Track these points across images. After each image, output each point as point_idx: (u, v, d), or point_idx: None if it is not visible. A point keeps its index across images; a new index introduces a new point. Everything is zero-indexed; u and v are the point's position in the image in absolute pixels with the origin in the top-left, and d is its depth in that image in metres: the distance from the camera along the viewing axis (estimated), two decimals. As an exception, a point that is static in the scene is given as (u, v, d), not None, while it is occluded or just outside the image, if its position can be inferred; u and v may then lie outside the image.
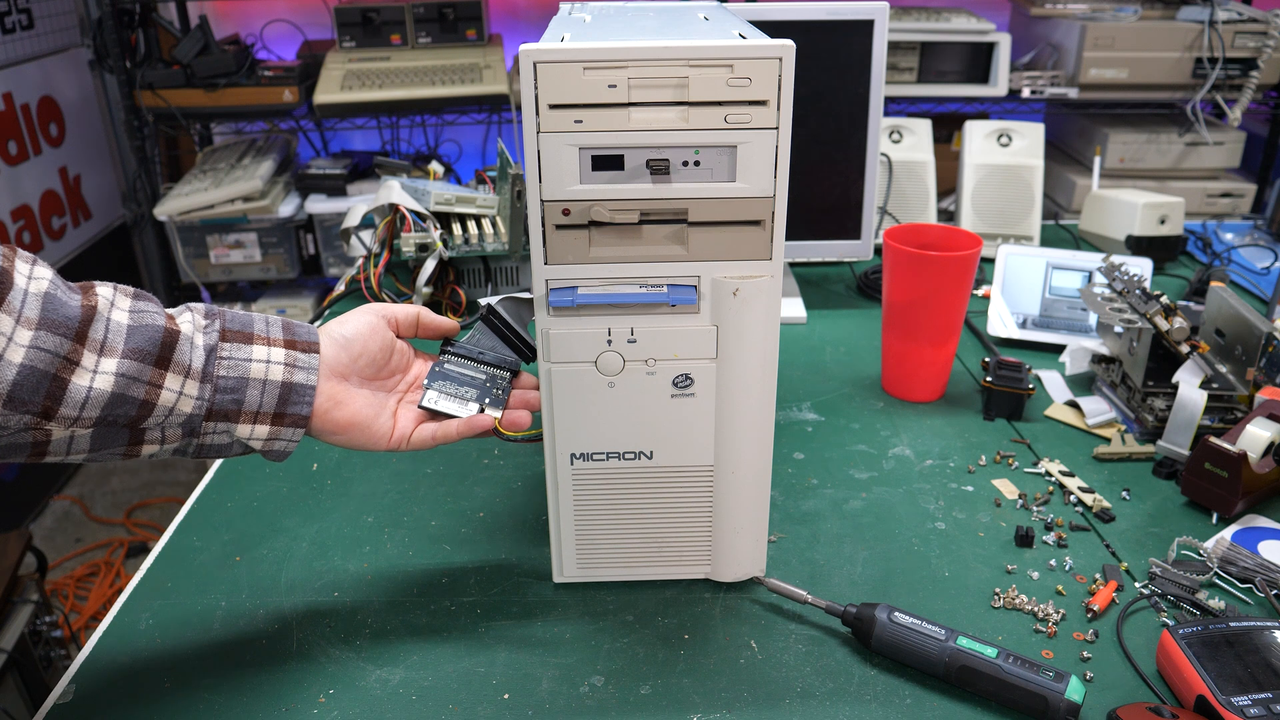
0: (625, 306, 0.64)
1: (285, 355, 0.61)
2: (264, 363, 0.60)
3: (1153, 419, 0.92)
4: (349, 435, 0.64)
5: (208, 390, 0.58)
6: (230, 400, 0.59)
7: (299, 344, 0.62)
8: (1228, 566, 0.74)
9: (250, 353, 0.60)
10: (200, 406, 0.58)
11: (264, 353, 0.60)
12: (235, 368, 0.59)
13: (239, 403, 0.59)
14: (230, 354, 0.59)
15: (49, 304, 0.53)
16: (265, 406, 0.60)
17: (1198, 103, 2.05)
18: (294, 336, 0.62)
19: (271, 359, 0.61)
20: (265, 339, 0.61)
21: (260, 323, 0.62)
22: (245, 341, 0.60)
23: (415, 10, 2.22)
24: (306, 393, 0.61)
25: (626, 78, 0.58)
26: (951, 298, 0.96)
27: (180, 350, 0.57)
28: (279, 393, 0.60)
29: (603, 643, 0.68)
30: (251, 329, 0.61)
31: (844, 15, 1.12)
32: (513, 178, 1.13)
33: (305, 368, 0.62)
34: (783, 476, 0.88)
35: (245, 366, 0.59)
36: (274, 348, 0.61)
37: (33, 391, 0.52)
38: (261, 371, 0.60)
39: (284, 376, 0.60)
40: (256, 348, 0.60)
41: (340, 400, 0.63)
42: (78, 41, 2.59)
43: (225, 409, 0.59)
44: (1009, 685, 0.61)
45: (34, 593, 1.52)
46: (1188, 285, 1.31)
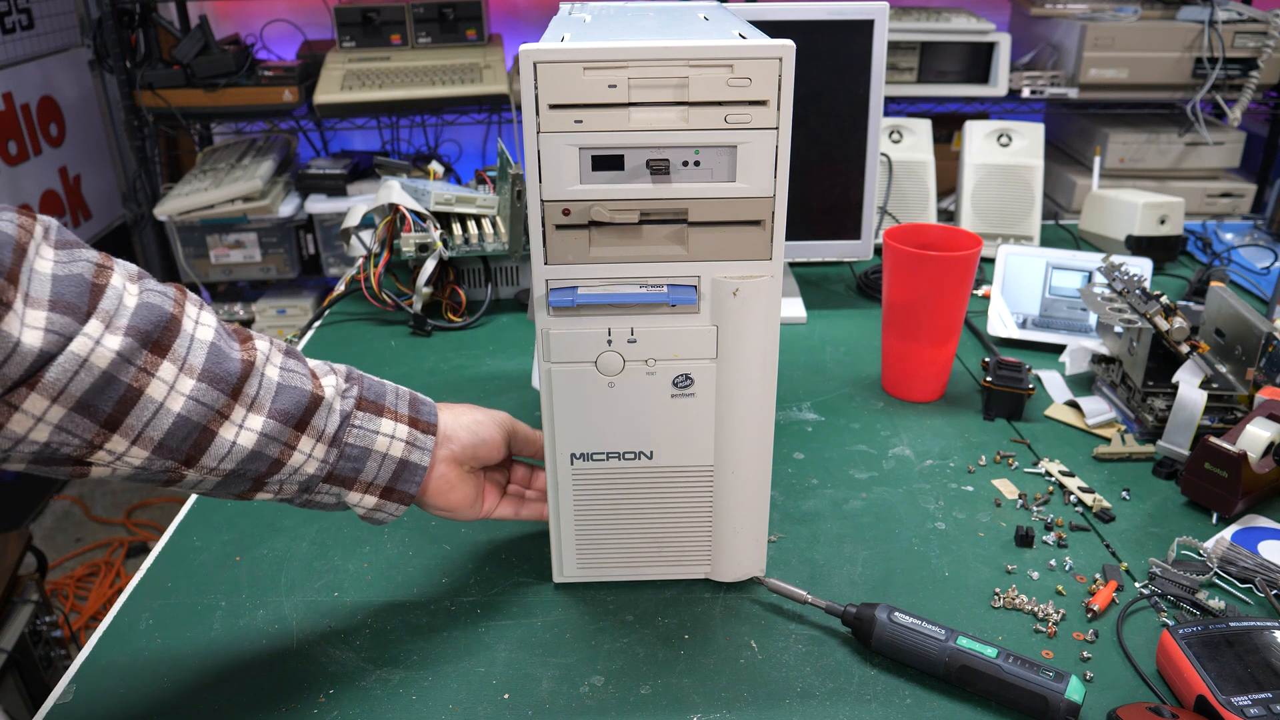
0: (625, 306, 0.64)
1: (409, 433, 0.63)
2: (389, 437, 0.62)
3: (1153, 419, 0.92)
4: (450, 513, 0.68)
5: (334, 455, 0.60)
6: (350, 468, 0.61)
7: (421, 424, 0.64)
8: (1228, 566, 0.74)
9: (379, 425, 0.62)
10: (322, 469, 0.59)
11: (390, 427, 0.62)
12: (363, 438, 0.61)
13: (357, 471, 0.61)
14: (362, 424, 0.61)
15: (213, 355, 0.54)
16: (380, 479, 0.62)
17: (1198, 103, 2.05)
18: (418, 415, 0.64)
19: (396, 434, 0.62)
20: (394, 413, 0.63)
21: (391, 394, 0.64)
22: (377, 413, 0.62)
23: (415, 10, 2.22)
24: (418, 472, 0.63)
25: (626, 78, 0.58)
26: (951, 298, 0.96)
27: (319, 415, 0.58)
28: (395, 469, 0.62)
29: (603, 643, 0.68)
30: (384, 401, 0.63)
31: (844, 15, 1.12)
32: (513, 178, 1.14)
33: (422, 448, 0.64)
34: (783, 476, 0.88)
35: (372, 438, 0.61)
36: (400, 423, 0.63)
37: (182, 440, 0.53)
38: (385, 445, 0.62)
39: (403, 454, 0.62)
40: (385, 421, 0.62)
41: (454, 485, 0.66)
42: (78, 41, 2.59)
43: (344, 475, 0.61)
44: (1009, 685, 0.61)
45: (34, 593, 1.52)
46: (1188, 285, 1.31)
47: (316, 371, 0.61)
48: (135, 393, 0.51)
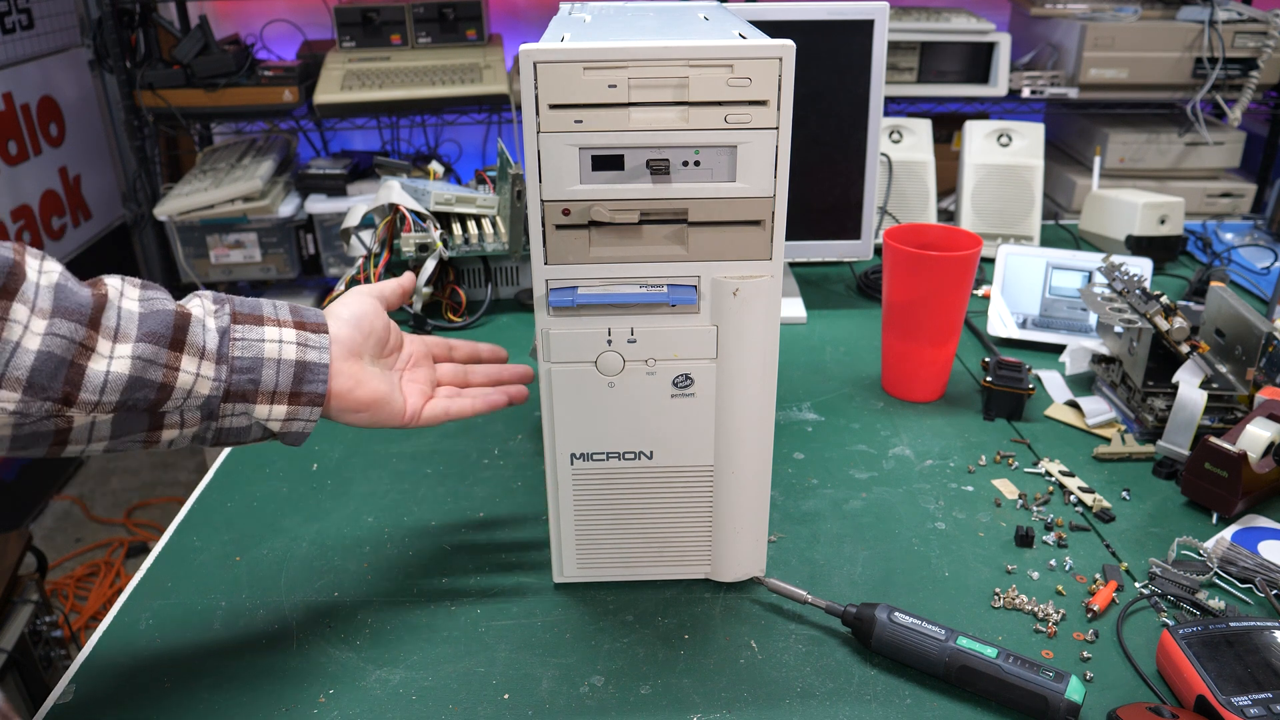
0: (625, 306, 0.64)
1: (297, 335, 0.62)
2: (276, 343, 0.61)
3: (1153, 419, 0.92)
4: (371, 413, 0.65)
5: (224, 371, 0.59)
6: (247, 380, 0.60)
7: (308, 325, 0.63)
8: (1228, 566, 0.74)
9: (262, 333, 0.61)
10: (218, 388, 0.58)
11: (275, 333, 0.61)
12: (249, 348, 0.60)
13: (255, 382, 0.60)
14: (243, 335, 0.60)
15: (61, 294, 0.54)
16: (281, 385, 0.61)
17: (1198, 103, 2.05)
18: (302, 318, 0.63)
19: (284, 339, 0.61)
20: (275, 320, 0.62)
21: (268, 306, 0.63)
22: (256, 323, 0.61)
23: (415, 10, 2.22)
24: (320, 370, 0.62)
25: (626, 78, 0.58)
26: (951, 298, 0.96)
27: (193, 332, 0.58)
28: (294, 371, 0.61)
29: (603, 643, 0.68)
30: (261, 311, 0.62)
31: (844, 15, 1.12)
32: (513, 178, 1.14)
33: (317, 347, 0.62)
34: (783, 476, 0.88)
35: (259, 347, 0.60)
36: (284, 328, 0.62)
37: (51, 377, 0.52)
38: (275, 351, 0.61)
39: (297, 355, 0.61)
40: (268, 329, 0.61)
41: (360, 379, 0.65)
42: (78, 41, 2.59)
43: (242, 389, 0.60)
44: (1009, 685, 0.61)
45: (34, 593, 1.52)
46: (1188, 285, 1.31)
47: (181, 301, 0.60)
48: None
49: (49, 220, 2.44)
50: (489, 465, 0.90)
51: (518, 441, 0.94)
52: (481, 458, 0.91)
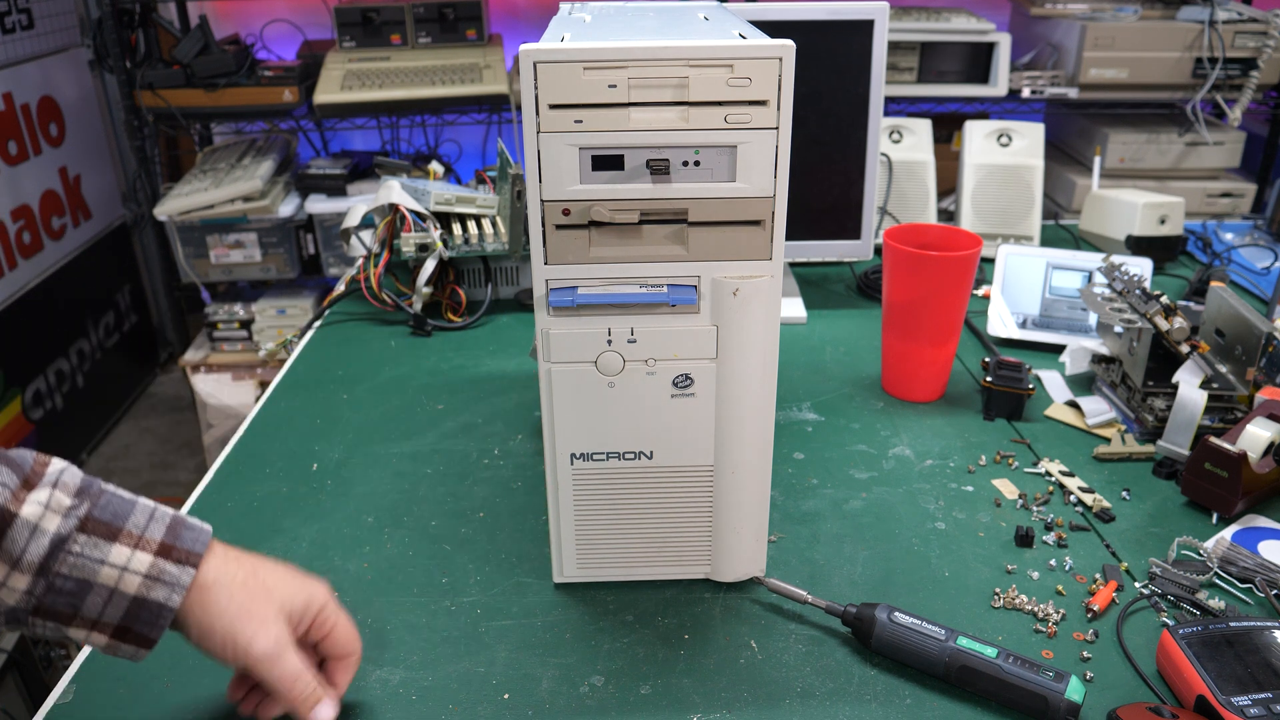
0: (625, 306, 0.64)
1: (150, 564, 0.52)
2: (119, 569, 0.52)
3: (1153, 419, 0.92)
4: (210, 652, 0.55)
5: (40, 586, 0.50)
6: (65, 603, 0.51)
7: (177, 552, 0.53)
8: (1228, 566, 0.74)
9: (107, 553, 0.51)
10: (26, 601, 0.51)
11: (124, 556, 0.52)
12: (81, 568, 0.51)
13: (75, 608, 0.51)
14: (82, 550, 0.51)
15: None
16: (107, 618, 0.52)
17: (1198, 103, 2.05)
18: (175, 541, 0.54)
19: (131, 566, 0.52)
20: (136, 538, 0.53)
21: (141, 515, 0.54)
22: (108, 538, 0.52)
23: (415, 10, 2.22)
24: (162, 613, 0.52)
25: (626, 78, 0.58)
26: (951, 298, 0.96)
27: (13, 537, 0.49)
28: (126, 607, 0.52)
29: (603, 643, 0.68)
30: (122, 523, 0.53)
31: (844, 15, 1.12)
32: (513, 178, 1.14)
33: (170, 583, 0.53)
34: (783, 476, 0.88)
35: (94, 569, 0.51)
36: (140, 551, 0.52)
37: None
38: (113, 578, 0.51)
39: (137, 590, 0.52)
40: (117, 548, 0.52)
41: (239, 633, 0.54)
42: (78, 41, 2.59)
43: (57, 609, 0.51)
44: (1009, 685, 0.61)
45: (34, 593, 1.51)
46: (1188, 285, 1.31)
47: (31, 482, 0.51)
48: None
49: (49, 220, 2.44)
50: (489, 465, 0.90)
51: (518, 441, 0.94)
52: (481, 458, 0.91)
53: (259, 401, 1.03)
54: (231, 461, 0.91)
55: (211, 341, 2.37)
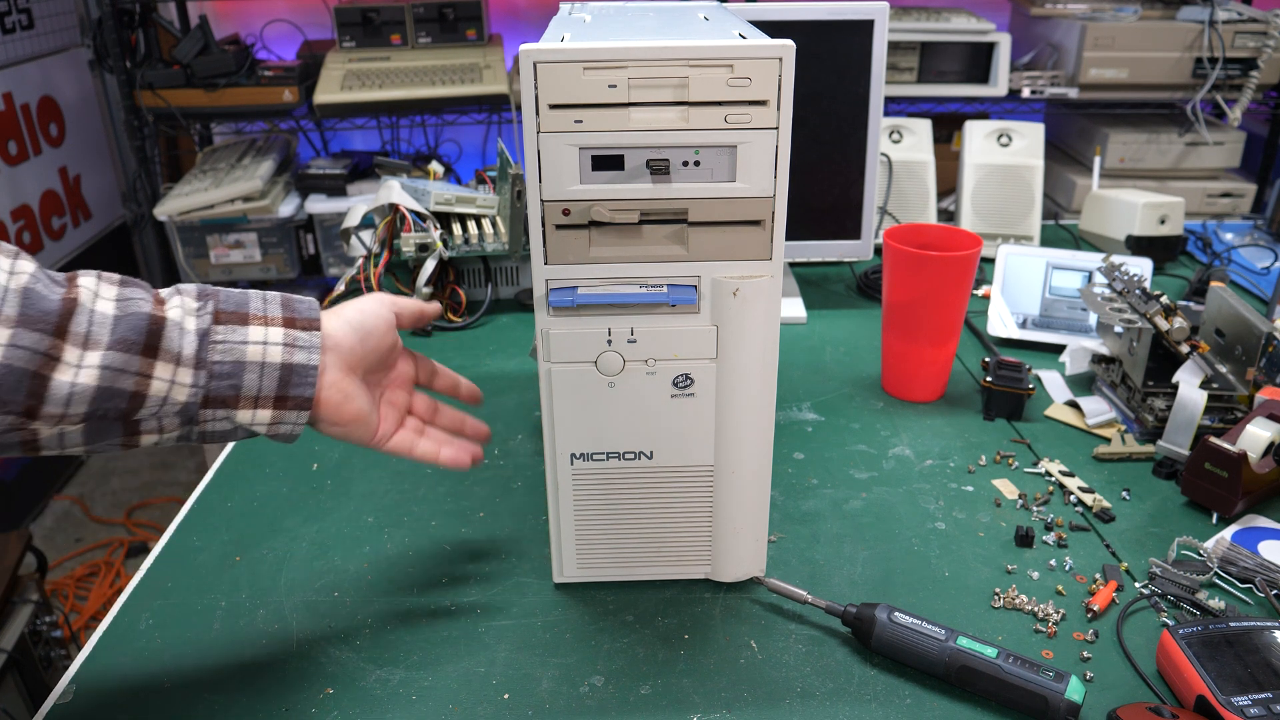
0: (625, 306, 0.64)
1: (284, 335, 0.58)
2: (261, 344, 0.57)
3: (1153, 419, 0.92)
4: (348, 429, 0.62)
5: (202, 376, 0.55)
6: (227, 386, 0.56)
7: (299, 321, 0.59)
8: (1228, 566, 0.74)
9: (246, 334, 0.57)
10: (196, 394, 0.55)
11: (261, 333, 0.58)
12: (230, 351, 0.56)
13: (236, 388, 0.57)
14: (225, 337, 0.56)
15: (28, 299, 0.51)
16: (265, 390, 0.57)
17: (1198, 103, 2.05)
18: (294, 314, 0.60)
19: (269, 340, 0.58)
20: (263, 318, 0.58)
21: (257, 300, 0.59)
22: (240, 323, 0.57)
23: (415, 10, 2.22)
24: (309, 373, 0.59)
25: (626, 78, 0.58)
26: (951, 298, 0.96)
27: (169, 338, 0.54)
28: (279, 375, 0.58)
29: (603, 643, 0.68)
30: (248, 309, 0.58)
31: (844, 15, 1.12)
32: (513, 178, 1.14)
33: (306, 346, 0.59)
34: (783, 476, 0.88)
35: (241, 350, 0.57)
36: (271, 327, 0.58)
37: (13, 390, 0.50)
38: (259, 354, 0.57)
39: (283, 358, 0.58)
40: (253, 328, 0.58)
41: (350, 395, 0.61)
42: (78, 41, 2.59)
43: (222, 395, 0.56)
44: (1009, 685, 0.61)
45: (34, 593, 1.52)
46: (1188, 285, 1.31)
47: (162, 295, 0.57)
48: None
49: (49, 220, 2.44)
50: (489, 465, 0.90)
51: (518, 441, 0.94)
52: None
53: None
54: (231, 461, 0.91)
55: (211, 341, 2.37)
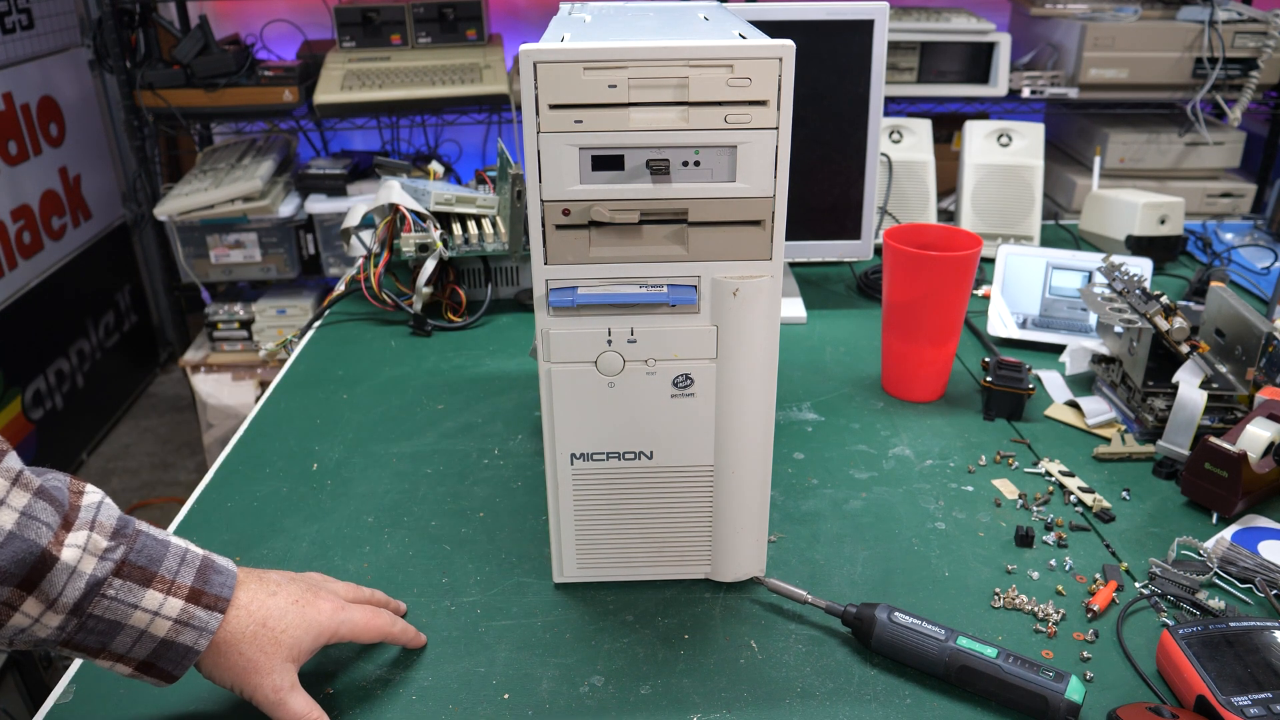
0: (625, 306, 0.64)
1: (181, 610, 0.54)
2: (151, 614, 0.53)
3: (1153, 419, 0.92)
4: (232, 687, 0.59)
5: (71, 625, 0.52)
6: (93, 640, 0.53)
7: (206, 598, 0.55)
8: (1228, 566, 0.74)
9: (140, 598, 0.53)
10: (57, 636, 0.52)
11: (156, 601, 0.54)
12: (114, 611, 0.52)
13: (103, 644, 0.53)
14: (116, 594, 0.52)
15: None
16: (134, 654, 0.54)
17: (1198, 103, 2.05)
18: (204, 587, 0.56)
19: (163, 611, 0.54)
20: (168, 583, 0.54)
21: (173, 559, 0.55)
22: (142, 583, 0.53)
23: (415, 10, 2.22)
24: (187, 655, 0.55)
25: (626, 78, 0.58)
26: (951, 298, 0.96)
27: (52, 581, 0.50)
28: (154, 647, 0.54)
29: (603, 643, 0.68)
30: (156, 568, 0.54)
31: (844, 15, 1.12)
32: (513, 178, 1.14)
33: (198, 628, 0.55)
34: (783, 476, 0.88)
35: (128, 612, 0.53)
36: (172, 597, 0.54)
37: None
38: (144, 622, 0.53)
39: (167, 634, 0.54)
40: (151, 593, 0.54)
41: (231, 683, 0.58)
42: (78, 41, 2.59)
43: (85, 645, 0.53)
44: (1009, 685, 0.61)
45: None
46: (1188, 285, 1.31)
47: (70, 519, 0.52)
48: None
49: (49, 220, 2.44)
50: (489, 465, 0.90)
51: (518, 441, 0.94)
52: (481, 458, 0.91)
53: (259, 401, 1.03)
54: (231, 461, 0.91)
55: (211, 341, 2.37)
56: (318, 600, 0.61)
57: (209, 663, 0.57)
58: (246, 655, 0.57)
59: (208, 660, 0.57)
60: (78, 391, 2.56)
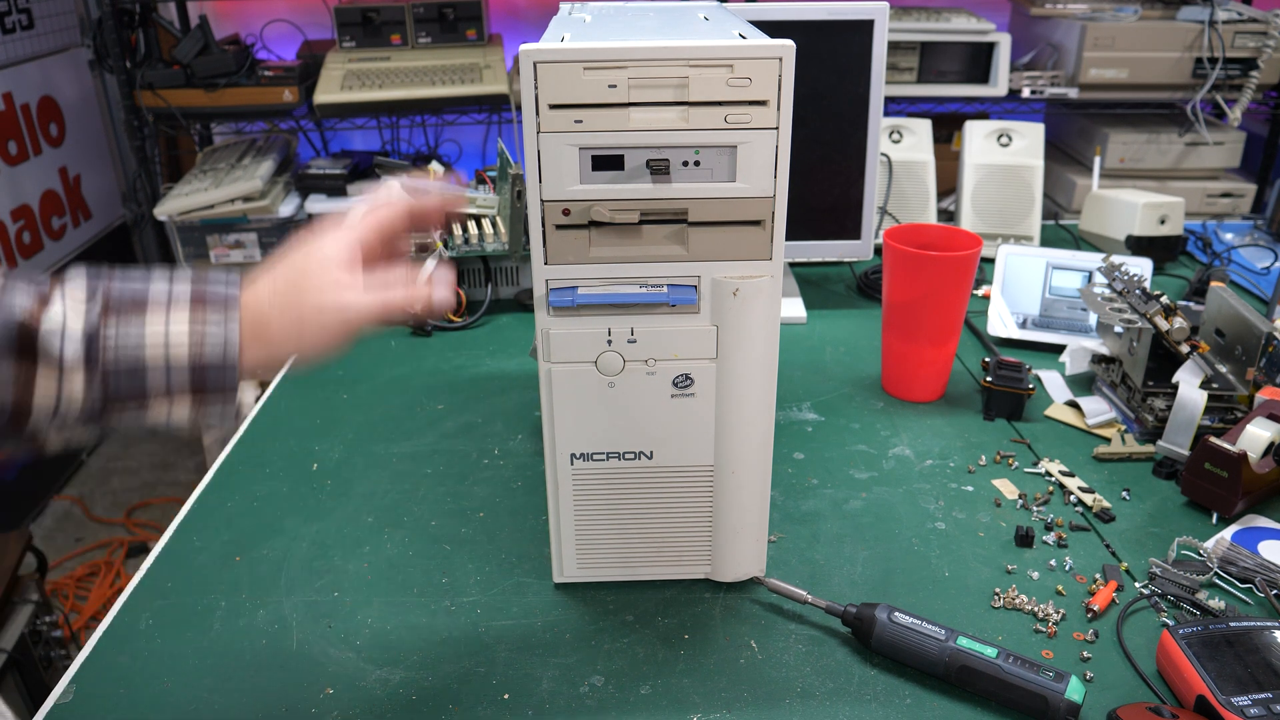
0: (625, 306, 0.64)
1: (189, 327, 0.50)
2: (161, 343, 0.50)
3: (1153, 419, 0.92)
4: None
5: (95, 381, 0.49)
6: (128, 389, 0.50)
7: (210, 305, 0.51)
8: (1228, 566, 0.74)
9: (143, 329, 0.50)
10: (93, 400, 0.49)
11: (160, 325, 0.50)
12: (124, 352, 0.49)
13: (140, 390, 0.50)
14: (115, 334, 0.49)
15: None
16: (176, 388, 0.50)
17: (1198, 103, 2.05)
18: (204, 293, 0.51)
19: (172, 332, 0.50)
20: (164, 305, 0.51)
21: (159, 286, 0.51)
22: (137, 312, 0.50)
23: (415, 10, 2.22)
24: (225, 369, 0.51)
25: (626, 78, 0.58)
26: (951, 298, 0.96)
27: (46, 343, 0.48)
28: (189, 374, 0.50)
29: (603, 643, 0.68)
30: (146, 295, 0.51)
31: (844, 15, 1.12)
32: (513, 178, 1.14)
33: (219, 341, 0.51)
34: (783, 476, 0.88)
35: (137, 350, 0.50)
36: (174, 314, 0.50)
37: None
38: (160, 353, 0.50)
39: (190, 355, 0.50)
40: (151, 321, 0.50)
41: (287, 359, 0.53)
42: (78, 41, 2.59)
43: (124, 398, 0.50)
44: (1009, 685, 0.61)
45: (34, 593, 1.52)
46: (1188, 285, 1.31)
47: (46, 293, 0.50)
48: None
49: (49, 220, 2.44)
50: (489, 465, 0.90)
51: (518, 441, 0.94)
52: (481, 458, 0.91)
53: (259, 401, 1.03)
54: (231, 461, 0.91)
55: (211, 341, 2.37)
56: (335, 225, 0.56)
57: (258, 353, 0.52)
58: (290, 316, 0.52)
59: (253, 352, 0.52)
60: (78, 391, 2.56)
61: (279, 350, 0.53)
